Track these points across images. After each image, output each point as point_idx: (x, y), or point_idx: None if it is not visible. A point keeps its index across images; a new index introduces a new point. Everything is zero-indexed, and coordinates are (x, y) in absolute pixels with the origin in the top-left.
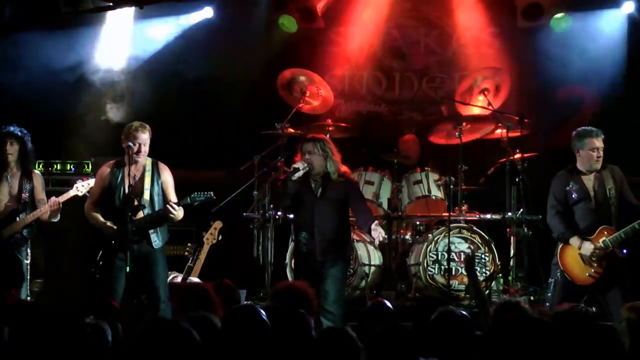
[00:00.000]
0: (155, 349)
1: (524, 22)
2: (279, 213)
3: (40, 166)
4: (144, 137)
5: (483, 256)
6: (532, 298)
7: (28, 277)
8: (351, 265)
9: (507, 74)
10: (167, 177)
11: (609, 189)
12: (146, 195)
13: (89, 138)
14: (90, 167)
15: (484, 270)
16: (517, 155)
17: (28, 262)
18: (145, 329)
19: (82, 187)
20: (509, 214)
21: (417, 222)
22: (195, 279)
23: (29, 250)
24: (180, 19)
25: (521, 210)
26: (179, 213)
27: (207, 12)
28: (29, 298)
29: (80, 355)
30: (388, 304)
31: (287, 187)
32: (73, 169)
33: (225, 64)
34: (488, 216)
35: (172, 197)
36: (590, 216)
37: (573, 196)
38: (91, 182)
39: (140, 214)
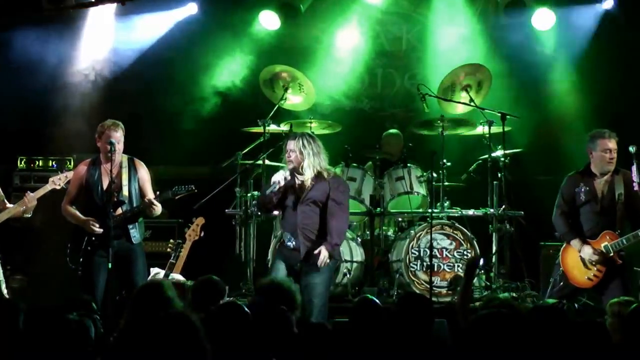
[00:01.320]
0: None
1: (506, 18)
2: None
3: (23, 162)
4: (118, 135)
5: (465, 252)
6: (514, 294)
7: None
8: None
9: (489, 71)
10: (143, 173)
11: (619, 194)
12: (125, 192)
13: (72, 135)
14: (72, 163)
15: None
16: (499, 152)
17: None
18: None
19: (58, 181)
20: (491, 210)
21: (399, 219)
22: (177, 276)
23: None
24: (163, 15)
25: (503, 206)
26: (157, 208)
27: (191, 9)
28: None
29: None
30: (376, 300)
31: (266, 202)
32: (55, 165)
33: (209, 60)
34: (470, 212)
35: (149, 192)
36: (594, 219)
37: (581, 197)
38: (68, 174)
39: (119, 210)
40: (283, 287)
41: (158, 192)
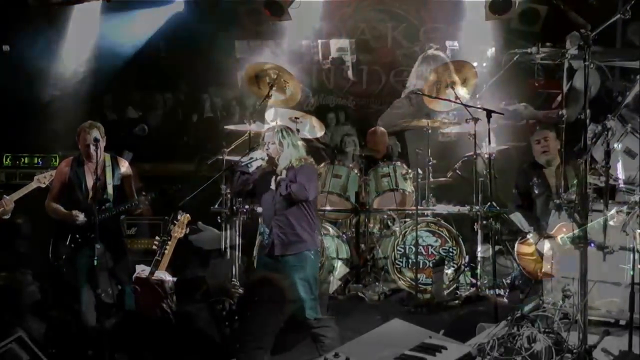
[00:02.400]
0: None
1: (490, 15)
2: (247, 206)
3: (8, 159)
4: (98, 134)
5: (451, 250)
6: (500, 292)
7: None
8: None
9: (474, 68)
10: (126, 170)
11: (571, 186)
12: (109, 190)
13: (57, 132)
14: (57, 160)
15: (451, 264)
16: (485, 149)
17: None
18: None
19: (43, 179)
20: (477, 207)
21: (385, 216)
22: (163, 273)
23: None
24: (150, 12)
25: (489, 203)
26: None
27: (178, 6)
28: None
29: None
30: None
31: (243, 183)
32: (40, 163)
33: (196, 58)
34: (456, 209)
35: (132, 189)
36: (549, 212)
37: (535, 191)
38: (53, 172)
39: (103, 207)
40: (273, 283)
41: (144, 193)
